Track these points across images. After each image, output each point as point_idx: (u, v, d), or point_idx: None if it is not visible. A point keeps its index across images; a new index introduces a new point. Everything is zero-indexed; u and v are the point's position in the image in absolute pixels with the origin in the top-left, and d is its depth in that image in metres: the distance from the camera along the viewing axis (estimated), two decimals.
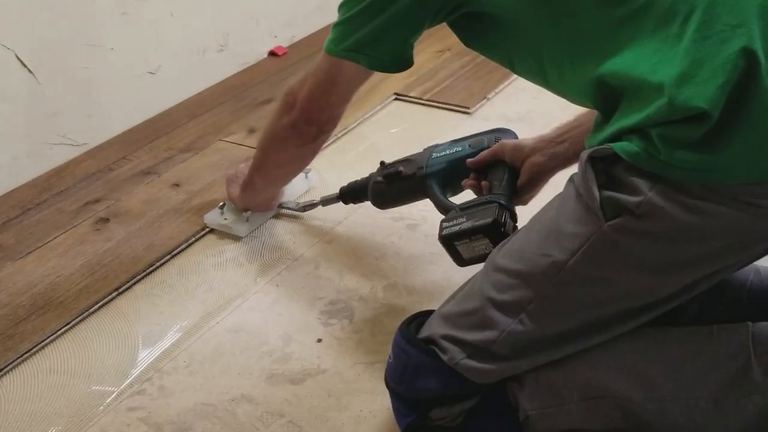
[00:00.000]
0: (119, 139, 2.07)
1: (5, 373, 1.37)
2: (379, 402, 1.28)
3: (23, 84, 1.83)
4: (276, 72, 2.40)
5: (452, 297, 1.20)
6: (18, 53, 1.80)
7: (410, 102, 2.19)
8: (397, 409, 1.20)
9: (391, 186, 1.52)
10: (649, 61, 0.99)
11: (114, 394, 1.32)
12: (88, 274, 1.58)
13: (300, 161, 1.55)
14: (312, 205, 1.69)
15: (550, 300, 1.07)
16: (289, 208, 1.73)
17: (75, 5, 1.90)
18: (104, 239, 1.68)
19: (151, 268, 1.60)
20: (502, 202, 1.30)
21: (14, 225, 1.74)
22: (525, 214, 1.28)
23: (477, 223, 1.28)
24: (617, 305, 1.06)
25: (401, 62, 1.29)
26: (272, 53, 2.51)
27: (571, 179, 1.09)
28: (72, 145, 1.98)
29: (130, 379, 1.35)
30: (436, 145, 1.50)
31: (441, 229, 1.32)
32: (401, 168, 1.50)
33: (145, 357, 1.39)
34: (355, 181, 1.60)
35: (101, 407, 1.30)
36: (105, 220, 1.75)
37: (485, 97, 2.16)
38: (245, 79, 2.37)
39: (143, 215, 1.76)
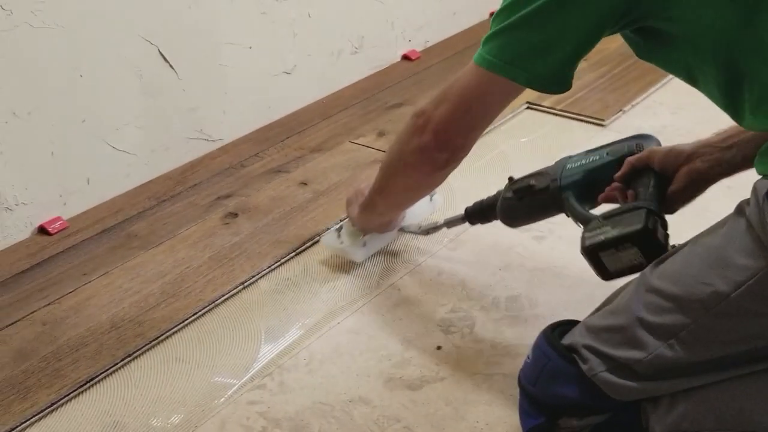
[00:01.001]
0: (252, 136, 2.11)
1: (134, 359, 1.41)
2: (497, 414, 1.26)
3: (164, 79, 1.89)
4: (408, 76, 2.40)
5: (598, 309, 1.17)
6: (161, 49, 1.86)
7: (543, 111, 2.15)
8: (524, 410, 1.19)
9: (522, 201, 1.42)
10: None
11: (235, 387, 1.35)
12: (216, 267, 1.61)
13: (426, 188, 1.46)
14: (436, 228, 1.62)
15: (705, 329, 1.03)
16: (411, 232, 1.66)
17: (217, 3, 1.95)
18: (232, 233, 1.72)
19: (276, 264, 1.62)
20: (651, 207, 1.19)
21: (149, 215, 1.80)
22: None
23: (625, 231, 1.16)
24: None
25: (562, 82, 1.16)
26: (405, 57, 2.52)
27: (741, 208, 1.04)
28: (207, 140, 2.03)
29: (251, 373, 1.37)
30: (570, 157, 1.40)
31: (583, 240, 1.20)
32: (533, 182, 1.41)
33: (267, 352, 1.41)
34: (482, 200, 1.53)
35: (222, 399, 1.33)
36: (234, 215, 1.78)
37: (621, 110, 2.11)
38: (377, 82, 2.38)
39: (270, 212, 1.78)
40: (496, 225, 1.61)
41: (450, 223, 1.59)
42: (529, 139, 2.04)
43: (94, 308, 1.52)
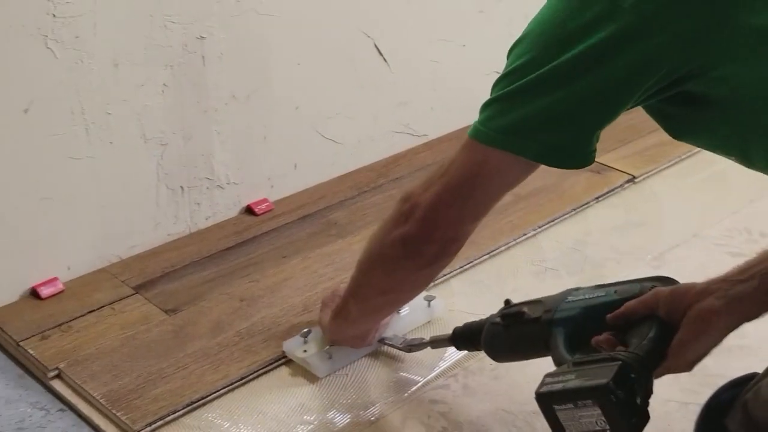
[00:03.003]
0: (457, 134, 2.10)
1: None
2: None
3: (377, 72, 1.91)
4: None
5: (754, 385, 1.01)
6: (377, 42, 1.88)
7: None
8: None
9: (509, 330, 1.18)
10: None
11: (419, 384, 1.34)
12: None
13: (408, 290, 1.22)
14: (420, 345, 1.36)
15: None
16: (391, 345, 1.39)
17: (437, 0, 1.95)
18: None
19: (468, 266, 1.60)
20: (631, 362, 0.94)
21: (350, 205, 1.83)
22: None
23: (586, 383, 0.92)
24: None
25: (583, 156, 0.96)
26: None
27: None
28: (412, 135, 2.04)
29: (436, 372, 1.36)
30: (578, 288, 1.17)
31: (541, 384, 0.98)
32: (525, 309, 1.17)
33: (453, 352, 1.39)
34: (473, 322, 1.26)
35: (406, 394, 1.32)
36: None
37: None
38: None
39: None
40: None
41: (435, 342, 1.33)
42: None
43: (290, 290, 1.56)
